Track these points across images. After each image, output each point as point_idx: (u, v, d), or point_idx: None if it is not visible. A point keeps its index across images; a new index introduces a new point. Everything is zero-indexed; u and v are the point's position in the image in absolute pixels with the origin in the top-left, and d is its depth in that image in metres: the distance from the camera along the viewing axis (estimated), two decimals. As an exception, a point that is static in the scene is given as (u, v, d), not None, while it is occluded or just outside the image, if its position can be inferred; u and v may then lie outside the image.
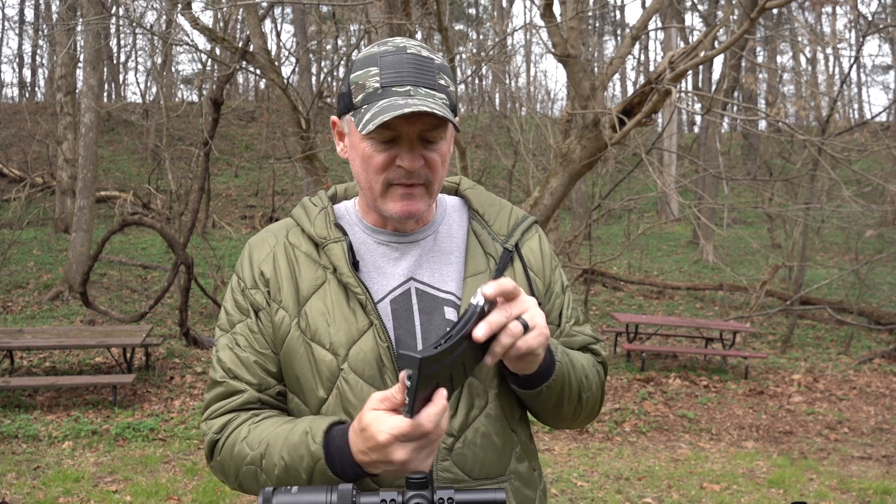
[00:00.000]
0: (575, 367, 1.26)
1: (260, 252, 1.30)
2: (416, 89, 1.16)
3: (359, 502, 0.97)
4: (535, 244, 1.38)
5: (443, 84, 1.20)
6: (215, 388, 1.27)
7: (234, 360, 1.26)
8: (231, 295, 1.31)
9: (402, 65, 1.17)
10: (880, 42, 26.19)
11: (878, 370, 9.01)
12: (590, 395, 1.31)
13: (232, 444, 1.22)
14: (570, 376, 1.24)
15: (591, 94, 6.32)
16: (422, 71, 1.18)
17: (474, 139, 19.31)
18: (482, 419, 1.23)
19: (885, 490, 5.49)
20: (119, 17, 11.62)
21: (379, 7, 6.40)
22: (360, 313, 1.22)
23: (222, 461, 1.24)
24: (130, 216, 9.30)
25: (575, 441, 6.59)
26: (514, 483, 1.27)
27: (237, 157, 19.63)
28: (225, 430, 1.24)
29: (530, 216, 1.42)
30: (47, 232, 13.97)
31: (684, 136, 23.46)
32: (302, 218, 1.32)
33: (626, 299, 12.11)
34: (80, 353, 8.10)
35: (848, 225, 11.86)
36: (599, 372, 1.37)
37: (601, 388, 1.36)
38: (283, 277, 1.26)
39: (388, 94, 1.16)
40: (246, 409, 1.25)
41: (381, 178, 1.21)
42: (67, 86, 13.56)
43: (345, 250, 1.24)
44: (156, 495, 4.99)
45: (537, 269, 1.36)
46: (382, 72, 1.17)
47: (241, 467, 1.20)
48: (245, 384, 1.25)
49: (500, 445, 1.25)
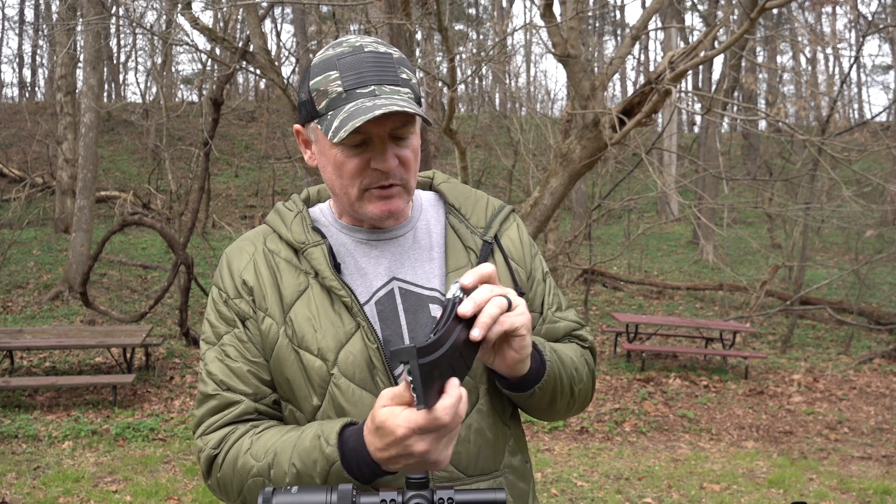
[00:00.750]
0: (564, 364, 1.24)
1: (239, 261, 1.27)
2: (380, 88, 1.14)
3: (359, 502, 0.96)
4: (514, 234, 1.37)
5: (405, 78, 1.18)
6: (207, 401, 1.22)
7: (225, 371, 1.22)
8: (213, 307, 1.27)
9: (361, 65, 1.15)
10: (880, 42, 26.20)
11: (878, 370, 9.01)
12: (581, 387, 1.30)
13: (234, 457, 1.17)
14: (561, 373, 1.22)
15: (591, 94, 6.32)
16: (383, 68, 1.16)
17: (474, 139, 19.32)
18: (474, 415, 1.22)
19: (885, 490, 5.49)
20: (119, 17, 11.62)
21: (379, 7, 6.40)
22: (347, 316, 1.20)
23: (223, 477, 1.18)
24: (130, 216, 9.30)
25: (575, 441, 6.59)
26: (509, 477, 1.26)
27: (237, 157, 19.63)
28: (224, 445, 1.19)
29: (507, 205, 1.40)
30: (47, 232, 13.97)
31: (684, 136, 23.46)
32: (278, 224, 1.29)
33: (626, 299, 12.11)
34: (80, 353, 8.10)
35: (848, 225, 11.87)
36: (588, 361, 1.35)
37: (591, 377, 1.35)
38: (266, 285, 1.23)
39: (354, 98, 1.14)
40: (244, 421, 1.21)
41: (357, 183, 1.19)
42: (67, 86, 13.56)
43: (325, 254, 1.22)
44: (156, 495, 4.99)
45: (518, 259, 1.34)
46: (343, 75, 1.15)
47: (247, 481, 1.15)
48: (240, 395, 1.21)
49: (493, 440, 1.24)
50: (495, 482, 1.23)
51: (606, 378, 8.24)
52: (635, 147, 9.80)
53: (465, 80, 13.59)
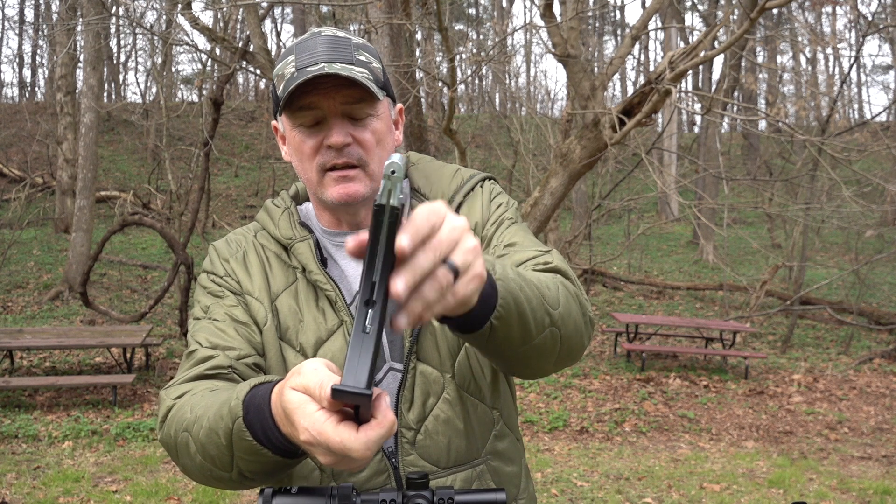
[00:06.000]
0: (525, 278, 0.96)
1: (227, 250, 1.25)
2: (330, 66, 1.10)
3: (359, 502, 0.96)
4: (476, 201, 1.26)
5: (363, 60, 1.15)
6: (187, 360, 1.14)
7: (211, 331, 1.15)
8: (201, 288, 1.24)
9: (315, 46, 1.13)
10: (880, 42, 26.20)
11: (878, 370, 9.01)
12: (561, 311, 1.01)
13: (179, 408, 1.05)
14: (524, 291, 0.94)
15: (591, 94, 6.32)
16: (335, 49, 1.13)
17: (474, 139, 19.31)
18: (441, 405, 1.16)
19: (885, 490, 5.49)
20: (119, 17, 11.61)
21: (379, 7, 6.39)
22: (330, 312, 1.17)
23: (166, 430, 1.06)
24: (130, 216, 9.30)
25: (575, 441, 6.59)
26: (492, 464, 1.20)
27: (237, 157, 19.63)
28: (182, 397, 1.07)
29: (479, 174, 1.29)
30: (47, 232, 13.97)
31: (684, 136, 23.45)
32: (266, 221, 1.27)
33: (626, 299, 12.11)
34: (80, 353, 8.10)
35: (848, 225, 11.86)
36: (563, 282, 1.07)
37: (577, 302, 1.06)
38: (254, 273, 1.22)
39: (303, 75, 1.10)
40: (216, 377, 1.10)
41: (314, 163, 1.16)
42: (67, 86, 13.56)
43: (312, 248, 1.20)
44: (156, 495, 4.99)
45: (475, 223, 1.24)
46: (297, 57, 1.13)
47: (178, 436, 1.01)
48: (220, 350, 1.12)
49: (467, 429, 1.17)
50: (475, 471, 1.18)
51: (606, 378, 8.24)
52: (635, 147, 9.80)
53: (465, 80, 13.59)
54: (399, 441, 1.15)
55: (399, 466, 1.14)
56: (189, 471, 1.04)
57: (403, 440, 1.15)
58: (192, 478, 1.06)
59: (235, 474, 0.96)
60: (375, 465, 1.14)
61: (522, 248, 1.17)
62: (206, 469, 0.99)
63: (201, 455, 0.97)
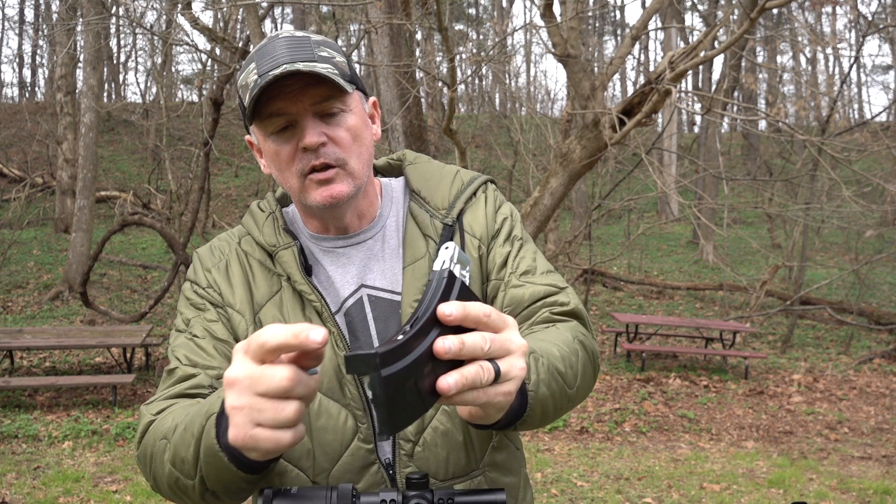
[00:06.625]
0: (552, 371, 0.99)
1: (210, 259, 1.22)
2: (292, 65, 1.06)
3: (359, 503, 0.96)
4: (479, 209, 1.23)
5: (325, 56, 1.11)
6: (168, 378, 1.13)
7: (191, 347, 1.14)
8: (184, 298, 1.21)
9: (275, 49, 1.09)
10: (880, 42, 26.20)
11: (878, 370, 9.01)
12: (579, 384, 1.06)
13: (160, 420, 1.03)
14: (551, 387, 0.98)
15: (591, 94, 6.32)
16: (295, 48, 1.09)
17: (474, 139, 19.31)
18: (440, 417, 1.13)
19: (885, 490, 5.49)
20: (119, 17, 11.62)
21: (379, 7, 6.40)
22: (317, 322, 1.13)
23: (144, 442, 1.05)
24: (130, 216, 9.30)
25: (575, 441, 6.59)
26: (490, 475, 1.18)
27: (237, 157, 19.63)
28: (163, 412, 1.06)
29: (481, 176, 1.27)
30: (47, 232, 13.97)
31: (684, 136, 23.45)
32: (251, 225, 1.24)
33: (626, 299, 12.11)
34: (80, 353, 8.10)
35: (848, 225, 11.87)
36: (582, 340, 1.10)
37: (590, 359, 1.10)
38: (236, 283, 1.18)
39: (265, 79, 1.07)
40: (197, 395, 1.08)
41: (293, 170, 1.12)
42: (67, 86, 13.57)
43: (295, 255, 1.16)
44: (156, 495, 4.99)
45: (481, 235, 1.21)
46: (258, 63, 1.10)
47: (156, 444, 1.00)
48: (201, 369, 1.11)
49: (465, 441, 1.14)
50: (472, 483, 1.15)
51: (606, 378, 8.24)
52: (635, 147, 9.80)
53: (465, 80, 13.60)
54: (397, 452, 1.13)
55: (397, 478, 1.12)
56: (158, 482, 1.03)
57: (401, 452, 1.13)
58: (160, 492, 1.05)
59: (198, 482, 0.94)
60: (373, 476, 1.12)
61: (535, 279, 1.17)
62: (174, 477, 0.98)
63: (171, 461, 0.97)
